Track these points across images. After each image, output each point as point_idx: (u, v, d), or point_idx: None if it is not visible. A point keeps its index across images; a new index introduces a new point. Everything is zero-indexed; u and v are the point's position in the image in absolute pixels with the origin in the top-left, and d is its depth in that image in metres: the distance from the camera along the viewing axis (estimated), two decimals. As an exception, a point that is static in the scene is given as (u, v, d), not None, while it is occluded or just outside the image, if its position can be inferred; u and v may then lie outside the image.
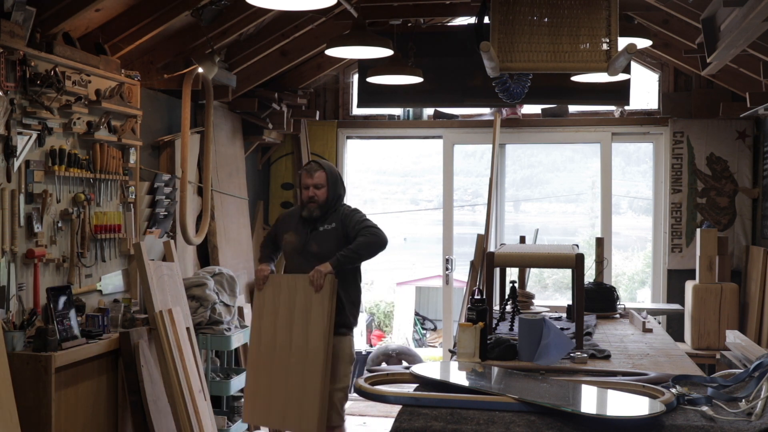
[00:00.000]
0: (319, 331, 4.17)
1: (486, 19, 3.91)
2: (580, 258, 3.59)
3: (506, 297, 4.28)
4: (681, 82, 6.74)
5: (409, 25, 6.15)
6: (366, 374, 2.82)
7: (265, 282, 4.37)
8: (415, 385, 2.71)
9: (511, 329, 3.92)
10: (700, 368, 3.38)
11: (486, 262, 3.75)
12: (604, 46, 3.52)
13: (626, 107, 6.73)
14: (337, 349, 4.30)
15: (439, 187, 7.32)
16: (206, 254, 5.78)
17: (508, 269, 4.73)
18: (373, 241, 4.27)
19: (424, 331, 11.59)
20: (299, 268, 4.35)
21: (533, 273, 8.21)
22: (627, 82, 6.06)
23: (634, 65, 6.35)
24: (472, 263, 6.63)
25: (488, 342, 3.25)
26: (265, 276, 4.38)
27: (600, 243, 5.31)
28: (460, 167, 7.91)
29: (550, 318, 4.23)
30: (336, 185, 4.41)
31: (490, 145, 6.80)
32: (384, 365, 7.61)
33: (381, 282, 13.67)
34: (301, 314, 4.23)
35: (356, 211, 4.44)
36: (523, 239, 5.57)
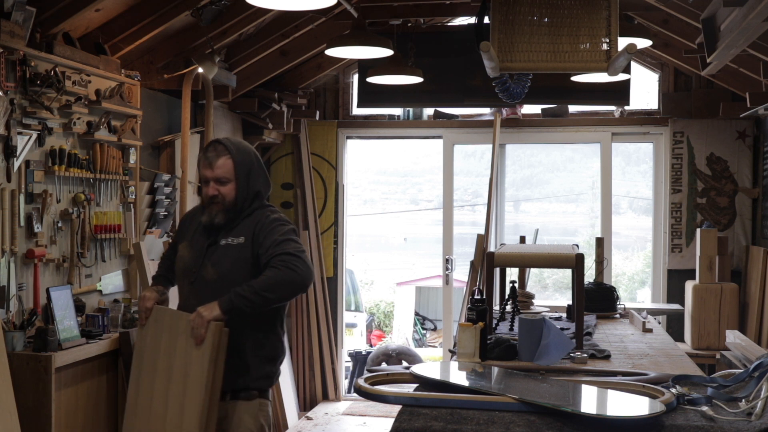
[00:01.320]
0: (195, 398, 2.85)
1: (486, 19, 3.91)
2: (580, 258, 3.59)
3: (506, 297, 4.28)
4: (681, 82, 6.74)
5: (409, 25, 6.15)
6: (366, 374, 2.81)
7: (148, 315, 3.09)
8: (415, 385, 2.71)
9: (511, 329, 3.92)
10: (700, 368, 3.38)
11: (486, 262, 3.75)
12: (604, 46, 3.52)
13: (626, 107, 6.73)
14: (233, 421, 3.00)
15: (439, 187, 7.32)
16: (206, 254, 5.77)
17: (508, 269, 4.73)
18: (287, 279, 2.86)
19: (424, 331, 11.59)
20: (187, 301, 3.07)
21: (533, 273, 8.21)
22: (627, 82, 6.06)
23: (634, 65, 6.35)
24: (472, 263, 6.63)
25: (488, 342, 3.25)
26: (148, 308, 3.09)
27: (600, 243, 5.31)
28: (460, 167, 7.91)
29: (550, 318, 4.23)
30: (250, 178, 3.06)
31: (490, 145, 6.80)
32: (384, 365, 7.61)
33: (381, 282, 13.68)
34: (179, 369, 2.93)
35: (278, 221, 3.03)
36: (523, 239, 5.57)
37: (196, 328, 2.84)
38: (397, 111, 7.20)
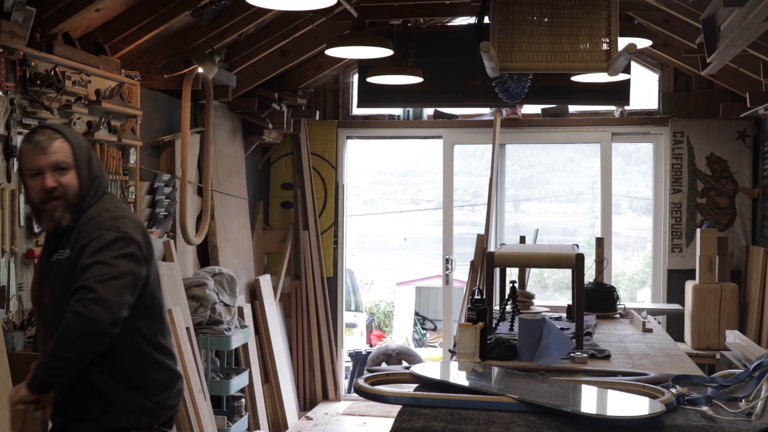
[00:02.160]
0: None
1: (486, 19, 3.91)
2: (580, 258, 3.59)
3: (506, 297, 4.28)
4: (681, 82, 6.74)
5: (409, 25, 6.15)
6: (366, 374, 2.82)
7: None
8: (415, 385, 2.71)
9: (511, 329, 3.92)
10: (700, 368, 3.38)
11: (486, 262, 3.75)
12: (604, 46, 3.52)
13: (626, 107, 6.73)
14: None
15: (439, 187, 7.32)
16: (206, 254, 5.78)
17: (508, 269, 4.73)
18: (76, 329, 2.21)
19: (424, 331, 11.59)
20: (39, 337, 2.58)
21: (533, 273, 8.21)
22: (627, 82, 6.06)
23: (634, 65, 6.35)
24: (472, 263, 6.63)
25: (488, 342, 3.25)
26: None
27: (600, 243, 5.31)
28: (460, 167, 7.91)
29: (550, 318, 4.23)
30: (91, 164, 2.49)
31: (490, 145, 6.80)
32: (384, 365, 7.61)
33: (381, 282, 13.69)
34: None
35: (103, 230, 2.36)
36: (523, 239, 5.57)
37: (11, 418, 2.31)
38: (397, 111, 7.20)
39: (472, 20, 5.81)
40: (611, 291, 4.76)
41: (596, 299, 4.66)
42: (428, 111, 7.17)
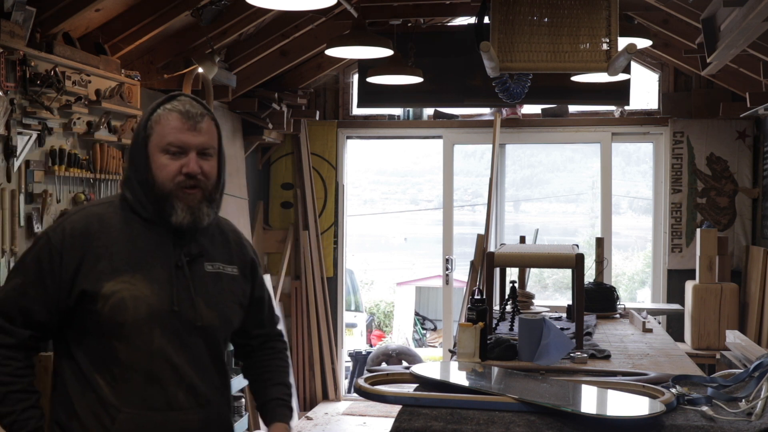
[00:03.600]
0: None
1: (486, 19, 3.91)
2: (580, 258, 3.59)
3: (506, 297, 4.28)
4: (681, 82, 6.74)
5: (409, 25, 6.15)
6: (366, 374, 2.81)
7: None
8: (415, 385, 2.71)
9: (511, 329, 3.92)
10: (700, 368, 3.38)
11: (486, 262, 3.75)
12: (604, 46, 3.52)
13: (626, 107, 6.73)
14: None
15: (439, 187, 7.32)
16: (206, 254, 5.77)
17: (508, 269, 4.73)
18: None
19: (424, 331, 11.60)
20: (166, 367, 1.97)
21: (533, 273, 8.22)
22: (627, 82, 6.06)
23: (634, 65, 6.35)
24: (472, 263, 6.63)
25: (488, 342, 3.25)
26: None
27: (600, 243, 5.31)
28: (460, 167, 7.91)
29: (550, 318, 4.23)
30: (223, 156, 2.11)
31: (490, 145, 6.81)
32: (384, 365, 7.61)
33: (381, 282, 13.68)
34: None
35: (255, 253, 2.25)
36: (523, 239, 5.57)
37: None
38: (397, 111, 7.20)
39: (472, 20, 5.81)
40: (611, 291, 4.76)
41: (596, 299, 4.66)
42: (428, 111, 7.17)
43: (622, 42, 3.42)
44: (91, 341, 1.97)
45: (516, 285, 4.25)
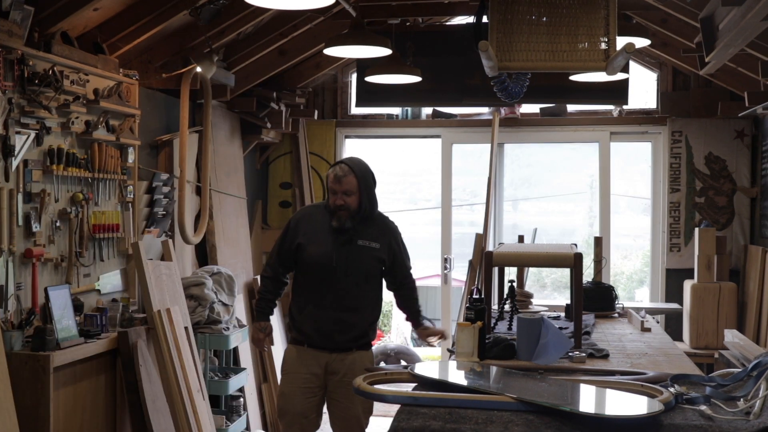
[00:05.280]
0: None
1: (485, 19, 3.91)
2: (578, 257, 3.59)
3: (505, 296, 4.28)
4: (679, 81, 6.74)
5: (408, 24, 6.15)
6: (365, 373, 2.81)
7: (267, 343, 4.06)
8: (414, 385, 2.71)
9: (510, 328, 3.92)
10: (699, 367, 3.39)
11: (484, 262, 3.75)
12: (603, 46, 3.52)
13: (625, 106, 6.73)
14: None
15: (437, 187, 7.32)
16: (205, 254, 5.78)
17: (506, 269, 4.73)
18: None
19: (423, 331, 11.58)
20: (326, 288, 3.81)
21: (532, 272, 8.20)
22: (625, 82, 6.06)
23: (632, 64, 6.35)
24: (471, 262, 6.63)
25: (487, 341, 3.25)
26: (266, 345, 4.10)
27: (598, 242, 5.31)
28: (458, 167, 7.90)
29: (549, 317, 4.23)
30: (369, 190, 3.82)
31: (489, 145, 6.80)
32: (382, 364, 7.61)
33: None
34: None
35: (401, 236, 4.00)
36: (521, 238, 5.57)
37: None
38: (395, 110, 7.20)
39: (471, 19, 5.80)
40: (610, 290, 4.76)
41: (595, 298, 4.67)
42: (427, 110, 7.17)
43: (621, 41, 3.42)
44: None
45: (514, 284, 4.26)
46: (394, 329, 11.19)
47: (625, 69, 5.42)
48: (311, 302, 3.80)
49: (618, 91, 6.11)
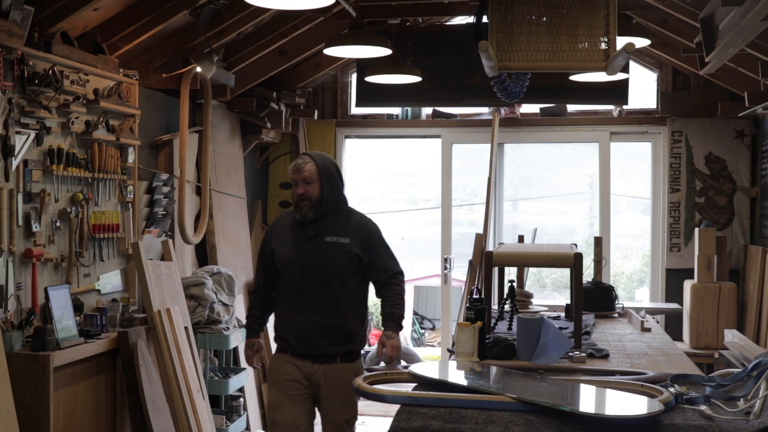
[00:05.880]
0: None
1: (485, 19, 3.91)
2: (578, 257, 3.59)
3: (505, 296, 4.28)
4: (679, 81, 6.74)
5: (408, 24, 6.15)
6: (364, 374, 2.82)
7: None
8: (414, 385, 2.71)
9: (510, 328, 3.92)
10: (699, 367, 3.39)
11: (484, 262, 3.75)
12: (603, 46, 3.52)
13: (625, 106, 6.73)
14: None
15: (437, 187, 7.32)
16: (205, 254, 5.78)
17: (506, 268, 4.73)
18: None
19: (423, 331, 11.59)
20: (299, 291, 3.62)
21: (532, 272, 8.21)
22: (625, 82, 6.06)
23: (632, 64, 6.35)
24: (471, 262, 6.63)
25: (487, 341, 3.25)
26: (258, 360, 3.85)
27: (598, 242, 5.31)
28: (458, 167, 7.91)
29: (549, 317, 4.23)
30: (332, 181, 3.63)
31: (489, 145, 6.80)
32: (382, 364, 7.60)
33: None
34: None
35: (379, 232, 3.70)
36: (521, 238, 5.57)
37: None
38: (395, 110, 7.20)
39: (471, 19, 5.80)
40: (610, 290, 4.76)
41: (595, 298, 4.67)
42: (427, 110, 7.17)
43: (621, 41, 3.42)
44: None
45: (514, 284, 4.25)
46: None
47: (625, 69, 5.42)
48: (288, 308, 3.64)
49: (618, 91, 6.11)
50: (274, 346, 3.81)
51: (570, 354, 3.20)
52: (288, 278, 3.62)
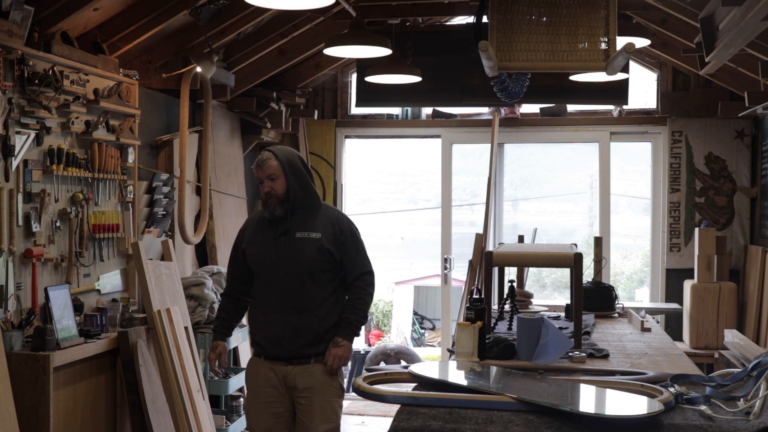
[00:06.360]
0: None
1: (485, 19, 3.91)
2: (578, 257, 3.59)
3: (505, 296, 4.28)
4: (679, 81, 6.74)
5: (408, 24, 6.15)
6: (364, 373, 2.82)
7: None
8: (414, 385, 2.71)
9: (510, 328, 3.92)
10: (699, 367, 3.39)
11: (484, 262, 3.75)
12: (603, 46, 3.52)
13: (625, 106, 6.73)
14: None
15: (437, 187, 7.32)
16: (204, 254, 5.78)
17: (506, 268, 4.73)
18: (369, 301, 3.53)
19: (423, 331, 11.59)
20: (270, 291, 3.47)
21: (532, 272, 8.20)
22: (625, 82, 6.06)
23: (632, 64, 6.35)
24: (471, 262, 6.63)
25: (487, 341, 3.25)
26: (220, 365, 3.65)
27: (598, 242, 5.31)
28: (458, 167, 7.91)
29: (549, 317, 4.23)
30: (298, 175, 3.45)
31: (489, 145, 6.80)
32: (382, 364, 7.61)
33: (379, 281, 13.63)
34: None
35: (353, 228, 3.54)
36: (521, 238, 5.57)
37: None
38: (395, 110, 7.20)
39: (471, 19, 5.80)
40: (610, 290, 4.76)
41: (595, 298, 4.67)
42: (427, 110, 7.17)
43: (621, 41, 3.41)
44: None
45: (514, 284, 4.25)
46: (394, 329, 11.19)
47: (625, 69, 5.42)
48: (259, 309, 3.50)
49: (618, 91, 6.11)
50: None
51: (570, 354, 3.20)
52: (259, 278, 3.49)
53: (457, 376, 2.88)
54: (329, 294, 3.45)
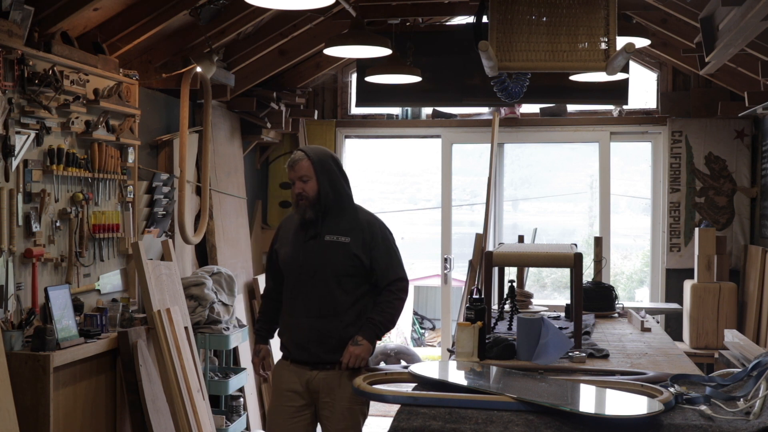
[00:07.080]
0: None
1: (485, 19, 3.91)
2: (578, 257, 3.59)
3: (505, 296, 4.28)
4: (679, 81, 6.74)
5: (408, 24, 6.15)
6: (364, 373, 2.82)
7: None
8: (414, 385, 2.71)
9: (510, 328, 3.92)
10: (699, 367, 3.39)
11: (484, 262, 3.75)
12: (603, 46, 3.52)
13: (625, 107, 6.73)
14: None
15: (437, 187, 7.32)
16: (205, 254, 5.78)
17: (506, 268, 4.73)
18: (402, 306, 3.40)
19: (423, 331, 11.59)
20: (296, 294, 3.42)
21: (532, 272, 8.20)
22: (625, 82, 6.06)
23: (632, 64, 6.35)
24: (471, 262, 6.63)
25: (487, 341, 3.25)
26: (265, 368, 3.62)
27: (598, 242, 5.31)
28: (458, 167, 7.92)
29: (549, 317, 4.23)
30: (330, 176, 3.38)
31: (489, 145, 6.80)
32: (382, 364, 7.61)
33: (379, 281, 13.59)
34: None
35: (386, 233, 3.45)
36: (521, 238, 5.57)
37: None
38: (395, 110, 7.20)
39: (471, 19, 5.80)
40: (610, 290, 4.76)
41: (595, 298, 4.67)
42: (427, 110, 7.17)
43: (621, 41, 3.42)
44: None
45: (514, 284, 4.25)
46: (394, 329, 11.19)
47: (625, 69, 5.42)
48: (287, 311, 3.45)
49: (618, 91, 6.11)
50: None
51: (570, 354, 3.20)
52: (288, 280, 3.44)
53: (457, 376, 2.88)
54: (356, 300, 3.35)
